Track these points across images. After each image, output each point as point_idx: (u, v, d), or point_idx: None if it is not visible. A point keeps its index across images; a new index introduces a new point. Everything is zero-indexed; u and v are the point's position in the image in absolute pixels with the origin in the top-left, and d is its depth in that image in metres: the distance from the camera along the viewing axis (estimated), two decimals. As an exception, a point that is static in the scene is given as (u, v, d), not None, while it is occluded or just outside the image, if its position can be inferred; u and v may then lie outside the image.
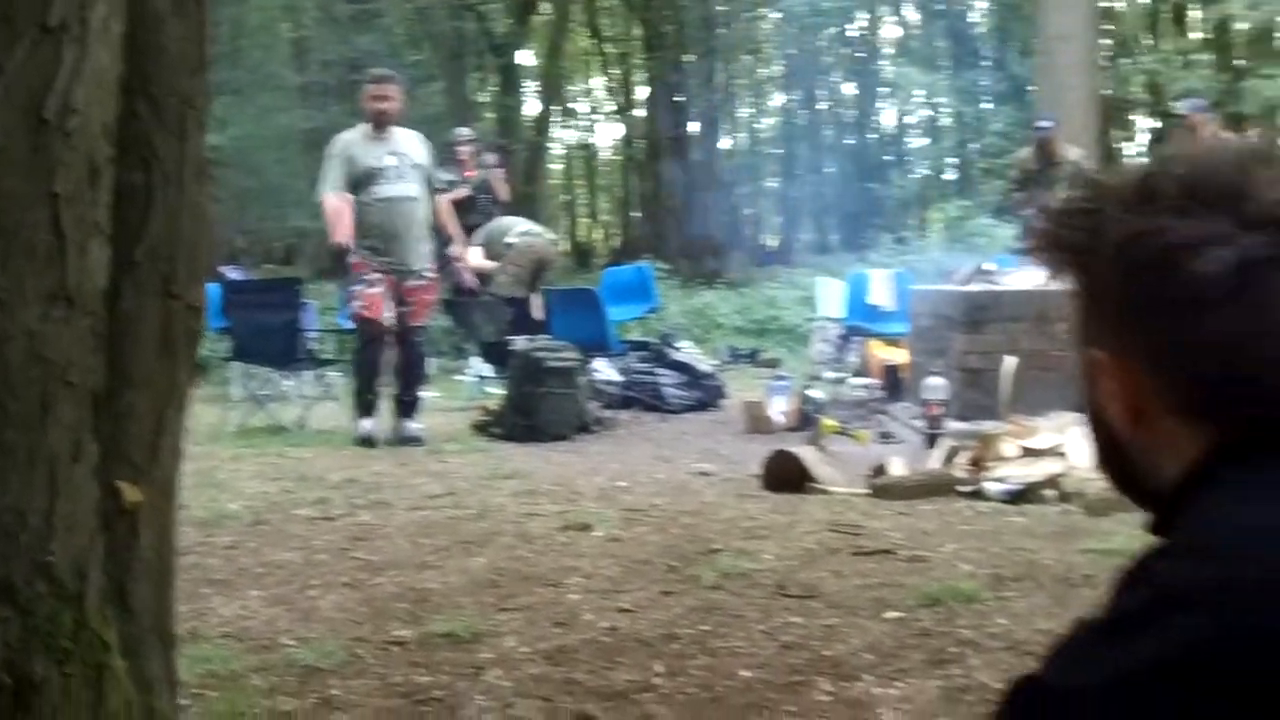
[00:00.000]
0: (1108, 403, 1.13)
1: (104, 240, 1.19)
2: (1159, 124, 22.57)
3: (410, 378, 8.56)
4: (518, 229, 11.66)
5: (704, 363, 10.74)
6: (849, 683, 3.62)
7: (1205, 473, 1.05)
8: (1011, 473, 6.41)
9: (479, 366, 10.18)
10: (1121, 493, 1.23)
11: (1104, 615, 0.96)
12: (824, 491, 6.39)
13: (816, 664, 3.78)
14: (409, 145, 8.48)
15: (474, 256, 10.90)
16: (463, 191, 11.90)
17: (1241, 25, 23.45)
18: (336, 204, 8.18)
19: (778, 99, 36.02)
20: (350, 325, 8.81)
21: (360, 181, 8.19)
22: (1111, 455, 1.18)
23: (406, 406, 8.53)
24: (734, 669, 3.77)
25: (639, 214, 31.41)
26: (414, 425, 8.47)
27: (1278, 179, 1.04)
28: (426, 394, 9.12)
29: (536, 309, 10.95)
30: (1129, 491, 1.21)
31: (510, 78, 24.84)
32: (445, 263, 9.42)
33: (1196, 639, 0.89)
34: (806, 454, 6.88)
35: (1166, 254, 1.04)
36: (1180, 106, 12.36)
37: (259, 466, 7.43)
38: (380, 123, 8.40)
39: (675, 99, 27.54)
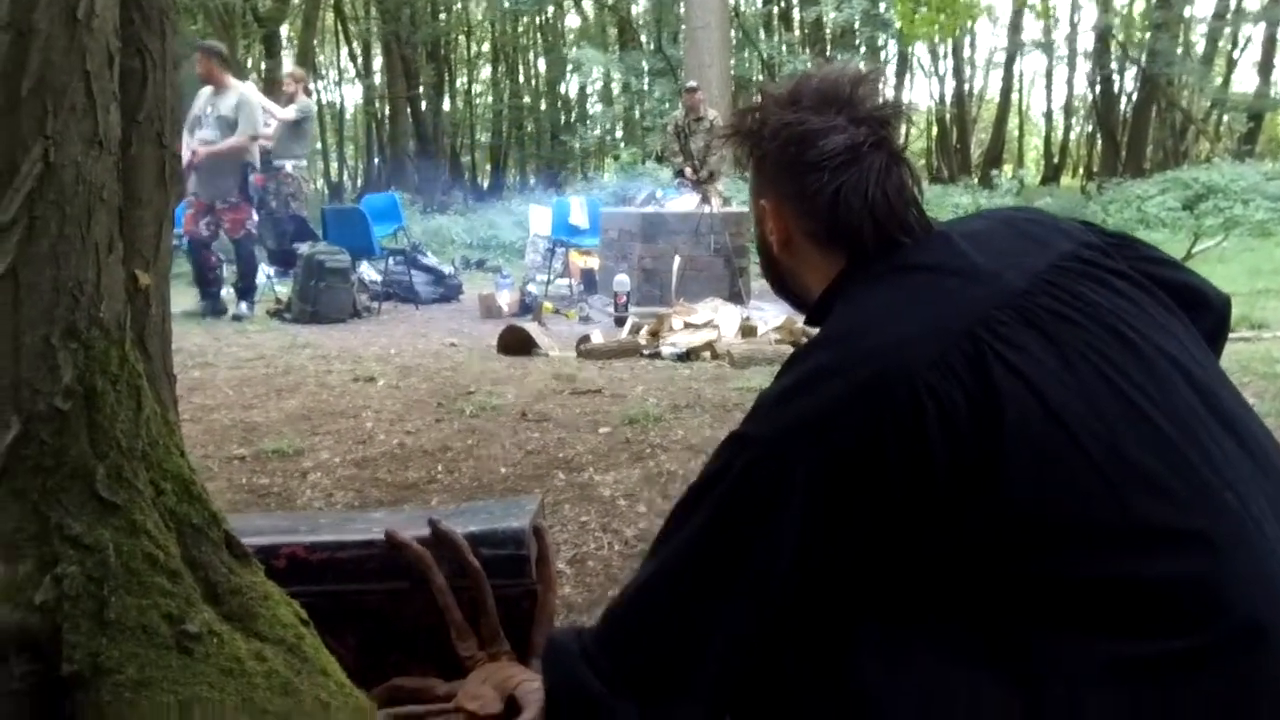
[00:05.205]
0: (769, 235, 1.40)
1: (117, 105, 1.25)
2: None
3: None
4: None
5: (446, 267, 10.80)
6: (578, 473, 3.84)
7: (838, 288, 1.32)
8: (679, 340, 6.73)
9: (267, 269, 9.96)
10: (782, 298, 1.50)
11: (776, 388, 1.22)
12: (545, 355, 6.59)
13: (554, 462, 3.99)
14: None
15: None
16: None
17: (831, 22, 24.54)
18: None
19: (486, 71, 35.69)
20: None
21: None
22: (774, 272, 1.45)
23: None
24: (494, 468, 3.94)
25: (378, 158, 30.71)
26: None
27: (872, 92, 1.35)
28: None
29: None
30: (787, 296, 1.48)
31: (272, 46, 23.85)
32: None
33: (834, 397, 1.14)
34: (531, 328, 7.06)
35: (804, 136, 1.32)
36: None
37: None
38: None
39: (407, 68, 27.07)
